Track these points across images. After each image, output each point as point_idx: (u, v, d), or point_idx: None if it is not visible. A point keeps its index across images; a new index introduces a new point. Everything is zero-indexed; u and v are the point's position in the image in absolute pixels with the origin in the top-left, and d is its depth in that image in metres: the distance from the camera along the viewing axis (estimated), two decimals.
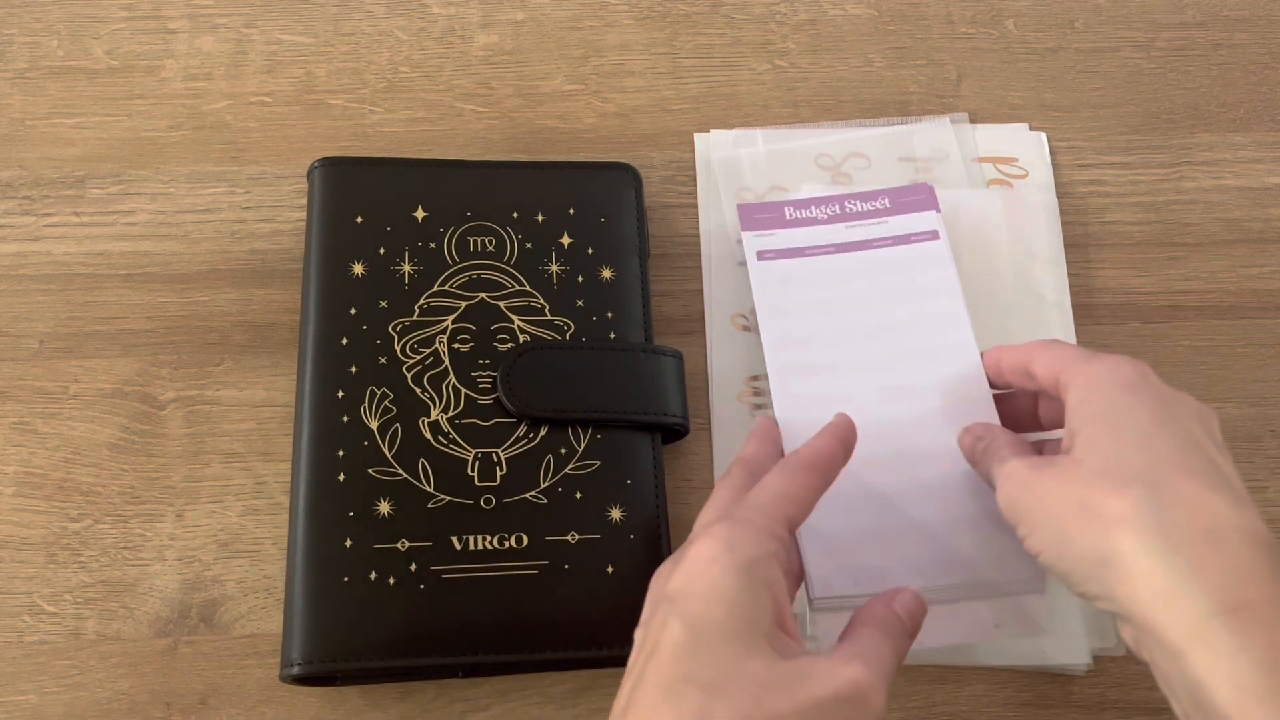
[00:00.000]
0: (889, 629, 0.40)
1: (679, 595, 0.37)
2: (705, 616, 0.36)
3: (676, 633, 0.36)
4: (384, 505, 0.51)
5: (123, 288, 0.58)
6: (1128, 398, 0.41)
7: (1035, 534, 0.41)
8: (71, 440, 0.55)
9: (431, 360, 0.54)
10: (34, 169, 0.60)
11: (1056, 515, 0.40)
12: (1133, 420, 0.40)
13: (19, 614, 0.52)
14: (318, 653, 0.48)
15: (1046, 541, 0.40)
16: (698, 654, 0.35)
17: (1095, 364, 0.43)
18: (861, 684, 0.36)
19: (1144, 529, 0.37)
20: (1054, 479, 0.41)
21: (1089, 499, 0.39)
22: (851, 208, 0.59)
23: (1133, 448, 0.39)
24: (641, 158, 0.62)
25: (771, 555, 0.38)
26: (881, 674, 0.37)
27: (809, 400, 0.53)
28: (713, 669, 0.35)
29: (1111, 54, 0.67)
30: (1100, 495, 0.38)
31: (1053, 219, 0.62)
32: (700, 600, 0.37)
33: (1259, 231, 0.63)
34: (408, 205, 0.56)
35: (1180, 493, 0.37)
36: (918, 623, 0.42)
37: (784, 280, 0.57)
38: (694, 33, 0.66)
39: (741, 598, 0.36)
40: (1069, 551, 0.39)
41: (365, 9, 0.66)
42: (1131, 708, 0.52)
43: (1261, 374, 0.59)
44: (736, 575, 0.37)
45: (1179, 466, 0.38)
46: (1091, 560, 0.38)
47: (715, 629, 0.36)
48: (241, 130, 0.62)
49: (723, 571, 0.37)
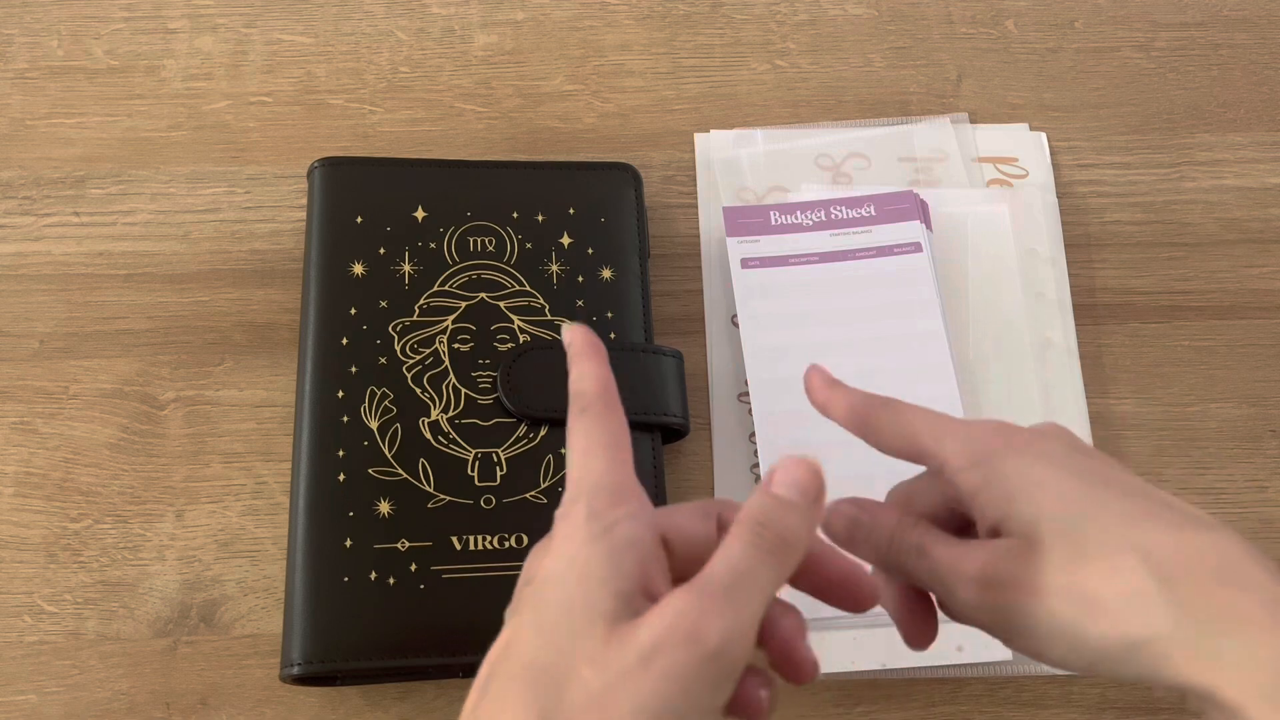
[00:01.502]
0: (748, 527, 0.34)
1: (538, 581, 0.34)
2: (553, 599, 0.33)
3: (526, 621, 0.33)
4: (384, 505, 0.51)
5: (123, 288, 0.58)
6: (1036, 464, 0.37)
7: (1029, 637, 0.36)
8: (71, 440, 0.55)
9: (431, 360, 0.54)
10: (34, 169, 0.60)
11: (1056, 613, 0.35)
12: (1059, 484, 0.36)
13: (19, 614, 0.52)
14: (318, 653, 0.48)
15: (1050, 643, 0.35)
16: (541, 641, 0.32)
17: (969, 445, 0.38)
18: (684, 614, 0.31)
19: (1159, 601, 0.33)
20: (1027, 570, 0.35)
21: (1084, 587, 0.35)
22: (837, 214, 0.59)
23: (1084, 514, 0.36)
24: (641, 158, 0.62)
25: (635, 514, 0.34)
26: (716, 593, 0.32)
27: (784, 417, 0.53)
28: (550, 654, 0.32)
29: (1111, 54, 0.67)
30: (1095, 579, 0.34)
31: (1053, 219, 0.62)
32: (554, 583, 0.33)
33: (1259, 231, 0.63)
34: (408, 205, 0.56)
35: (1166, 545, 0.35)
36: (804, 484, 0.35)
37: (765, 290, 0.58)
38: (694, 33, 0.66)
39: (593, 568, 0.33)
40: (1084, 647, 0.35)
41: (365, 9, 0.66)
42: (1131, 708, 0.52)
43: (1261, 374, 0.59)
44: (594, 545, 0.33)
45: (1144, 516, 0.36)
46: (1116, 649, 0.34)
47: (558, 610, 0.32)
48: (241, 130, 0.62)
49: (579, 545, 0.33)
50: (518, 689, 0.31)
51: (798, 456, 0.36)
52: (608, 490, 0.35)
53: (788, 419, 0.53)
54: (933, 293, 0.57)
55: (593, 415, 0.38)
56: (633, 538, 0.33)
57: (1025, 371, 0.57)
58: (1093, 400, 0.58)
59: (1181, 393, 0.59)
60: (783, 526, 0.34)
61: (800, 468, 0.35)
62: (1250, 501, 0.57)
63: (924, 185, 0.62)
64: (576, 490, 0.36)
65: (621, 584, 0.32)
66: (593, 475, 0.36)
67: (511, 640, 0.33)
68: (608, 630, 0.31)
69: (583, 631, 0.32)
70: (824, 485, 0.35)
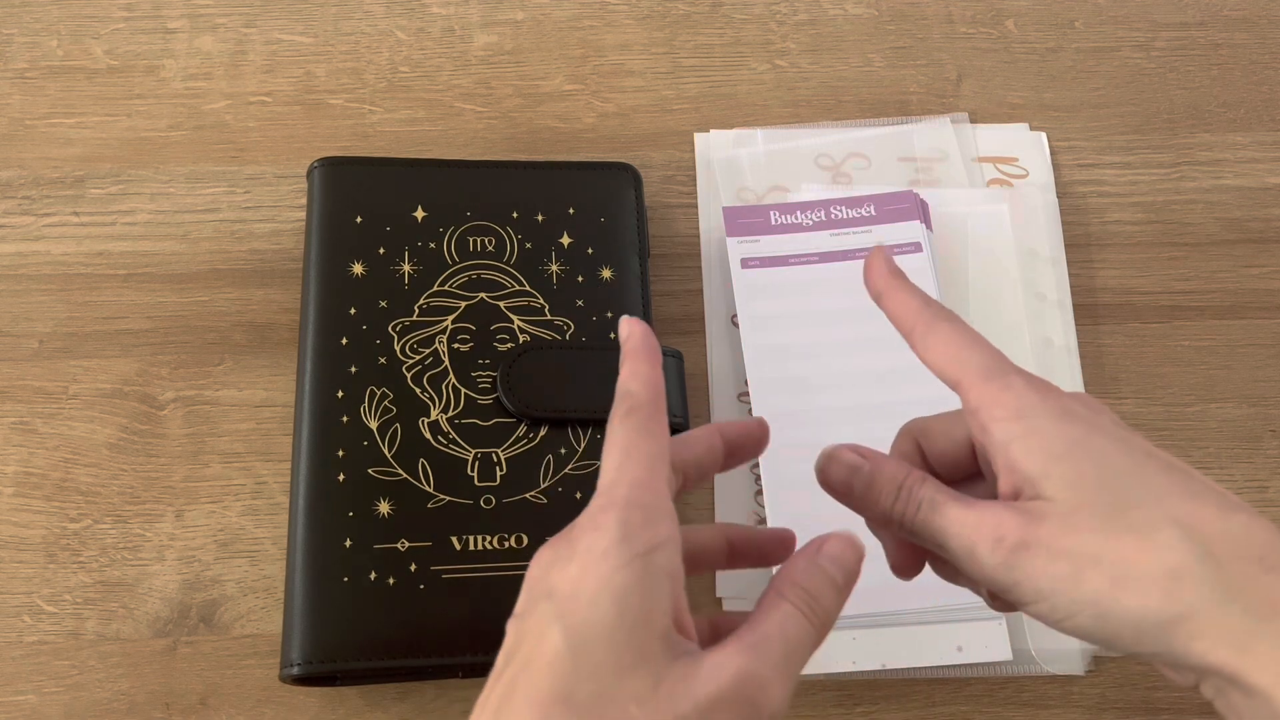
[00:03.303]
0: (802, 596, 0.34)
1: (564, 596, 0.32)
2: (590, 623, 0.31)
3: (556, 642, 0.31)
4: (384, 505, 0.51)
5: (122, 288, 0.58)
6: (1080, 426, 0.36)
7: (1052, 603, 0.35)
8: (71, 440, 0.55)
9: (431, 360, 0.54)
10: (34, 169, 0.60)
11: (1086, 581, 0.34)
12: (1104, 450, 0.35)
13: (19, 614, 0.52)
14: (318, 653, 0.48)
15: (1074, 609, 0.34)
16: (578, 670, 0.31)
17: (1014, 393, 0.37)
18: (749, 679, 0.32)
19: (1201, 580, 0.33)
20: (1060, 533, 0.34)
21: (1122, 556, 0.33)
22: (837, 214, 0.59)
23: (1127, 484, 0.35)
24: (641, 158, 0.62)
25: (672, 540, 0.33)
26: (777, 661, 0.32)
27: (785, 418, 0.53)
28: (592, 686, 0.31)
29: (1111, 54, 0.67)
30: (1134, 549, 0.33)
31: (1053, 219, 0.62)
32: (586, 604, 0.32)
33: (1259, 231, 0.63)
34: (408, 205, 0.56)
35: (1211, 524, 0.34)
36: (850, 571, 0.36)
37: (766, 290, 0.58)
38: (694, 33, 0.66)
39: (634, 599, 0.32)
40: (1112, 617, 0.34)
41: (365, 9, 0.66)
42: (1131, 708, 0.52)
43: (1261, 374, 0.59)
44: (632, 570, 0.32)
45: (1187, 494, 0.34)
46: (1146, 622, 0.33)
47: (599, 639, 0.31)
48: (241, 130, 0.62)
49: (614, 568, 0.32)
50: (556, 717, 0.30)
51: (849, 535, 0.36)
52: (643, 508, 0.33)
53: (788, 419, 0.53)
54: (933, 293, 0.57)
55: (639, 420, 0.36)
56: (670, 568, 0.33)
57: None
58: None
59: (1181, 393, 0.59)
60: (828, 605, 0.35)
61: (850, 552, 0.36)
62: (1250, 501, 0.56)
63: (924, 185, 0.62)
64: (609, 499, 0.34)
65: (664, 621, 0.32)
66: (628, 486, 0.34)
67: (535, 658, 0.32)
68: (658, 672, 0.31)
69: (630, 670, 0.31)
70: (860, 564, 0.36)
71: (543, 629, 0.32)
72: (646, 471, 0.35)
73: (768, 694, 0.32)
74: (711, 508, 0.55)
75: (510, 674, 0.32)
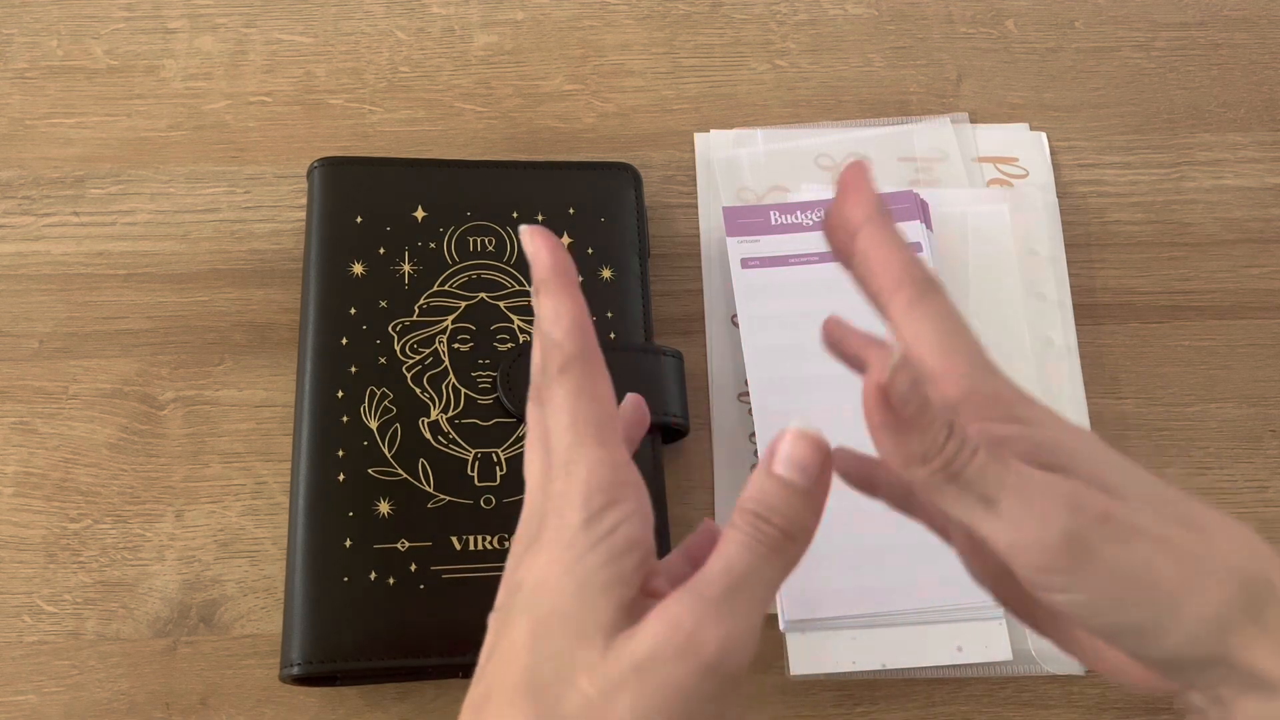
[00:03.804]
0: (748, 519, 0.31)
1: (530, 587, 0.31)
2: (553, 612, 0.30)
3: (522, 634, 0.30)
4: (384, 505, 0.51)
5: (122, 288, 0.58)
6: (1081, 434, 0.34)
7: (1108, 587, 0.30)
8: (71, 440, 0.55)
9: (431, 360, 0.54)
10: (34, 169, 0.60)
11: (1156, 566, 0.30)
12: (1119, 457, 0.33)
13: (19, 614, 0.52)
14: (318, 653, 0.48)
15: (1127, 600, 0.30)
16: (538, 656, 0.30)
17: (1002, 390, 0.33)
18: (676, 627, 0.29)
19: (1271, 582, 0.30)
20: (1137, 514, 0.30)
21: (1195, 548, 0.30)
22: None
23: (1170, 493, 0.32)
24: (641, 158, 0.62)
25: (636, 513, 0.31)
26: (716, 601, 0.29)
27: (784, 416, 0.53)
28: (550, 668, 0.29)
29: (1111, 54, 0.67)
30: (1203, 545, 0.30)
31: (1053, 219, 0.62)
32: (551, 593, 0.30)
33: (1259, 231, 0.63)
34: (408, 205, 0.56)
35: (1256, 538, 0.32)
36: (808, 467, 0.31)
37: (765, 290, 0.58)
38: (694, 33, 0.66)
39: (597, 579, 0.30)
40: (1180, 619, 0.30)
41: (365, 9, 0.66)
42: (1131, 708, 0.52)
43: (1261, 374, 0.59)
44: (596, 554, 0.30)
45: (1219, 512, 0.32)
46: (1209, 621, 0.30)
47: (558, 624, 0.30)
48: (241, 130, 0.62)
49: (578, 556, 0.30)
50: (520, 705, 0.29)
51: (800, 429, 0.32)
52: (604, 490, 0.31)
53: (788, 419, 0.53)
54: None
55: (575, 380, 0.32)
56: (633, 539, 0.31)
57: (1025, 372, 0.57)
58: (1093, 400, 0.58)
59: (1182, 393, 0.59)
60: (785, 517, 0.31)
61: (802, 443, 0.31)
62: (1250, 501, 0.57)
63: (924, 185, 0.62)
64: (569, 481, 0.32)
65: (624, 591, 0.30)
66: (586, 466, 0.31)
67: (505, 651, 0.31)
68: (606, 640, 0.29)
69: (581, 643, 0.30)
70: (830, 461, 0.32)
71: (513, 622, 0.31)
72: (596, 442, 0.32)
73: (703, 637, 0.29)
74: (712, 508, 0.55)
75: (489, 671, 0.32)
